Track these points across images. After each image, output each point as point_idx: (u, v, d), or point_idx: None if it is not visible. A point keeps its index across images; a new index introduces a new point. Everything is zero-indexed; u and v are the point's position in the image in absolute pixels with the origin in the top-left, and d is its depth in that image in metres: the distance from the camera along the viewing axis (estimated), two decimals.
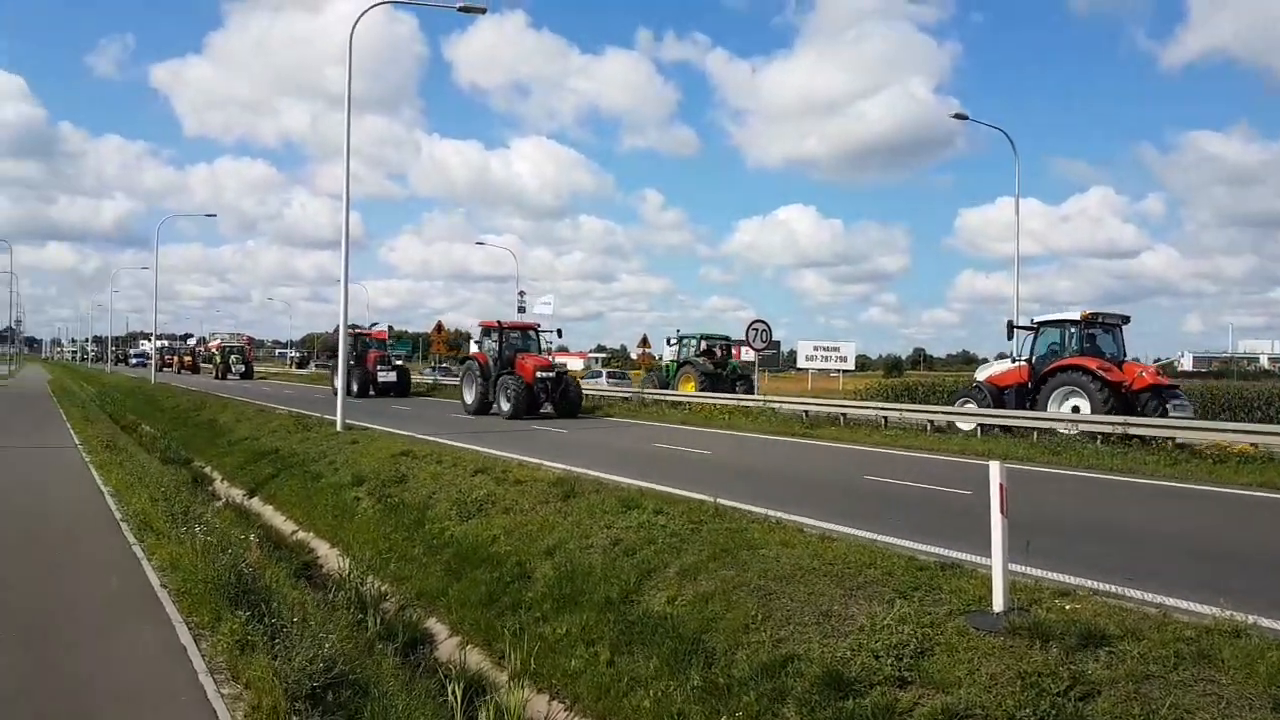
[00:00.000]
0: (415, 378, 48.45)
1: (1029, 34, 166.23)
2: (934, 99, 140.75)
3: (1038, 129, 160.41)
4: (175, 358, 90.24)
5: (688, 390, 30.32)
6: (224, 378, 61.56)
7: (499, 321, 28.88)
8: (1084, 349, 20.21)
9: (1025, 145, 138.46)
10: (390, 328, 38.65)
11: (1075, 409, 19.37)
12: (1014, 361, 21.59)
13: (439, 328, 59.23)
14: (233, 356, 65.50)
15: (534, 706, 7.43)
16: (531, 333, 29.54)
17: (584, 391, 29.59)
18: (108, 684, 6.01)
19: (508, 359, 27.41)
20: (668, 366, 33.24)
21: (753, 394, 28.51)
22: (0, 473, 15.58)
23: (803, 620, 6.87)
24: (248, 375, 63.20)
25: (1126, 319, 20.89)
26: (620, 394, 34.04)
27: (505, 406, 25.57)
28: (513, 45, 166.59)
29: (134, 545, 9.94)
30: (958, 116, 30.60)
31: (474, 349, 30.94)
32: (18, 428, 24.52)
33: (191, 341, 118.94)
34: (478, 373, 27.29)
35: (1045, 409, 19.72)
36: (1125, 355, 20.57)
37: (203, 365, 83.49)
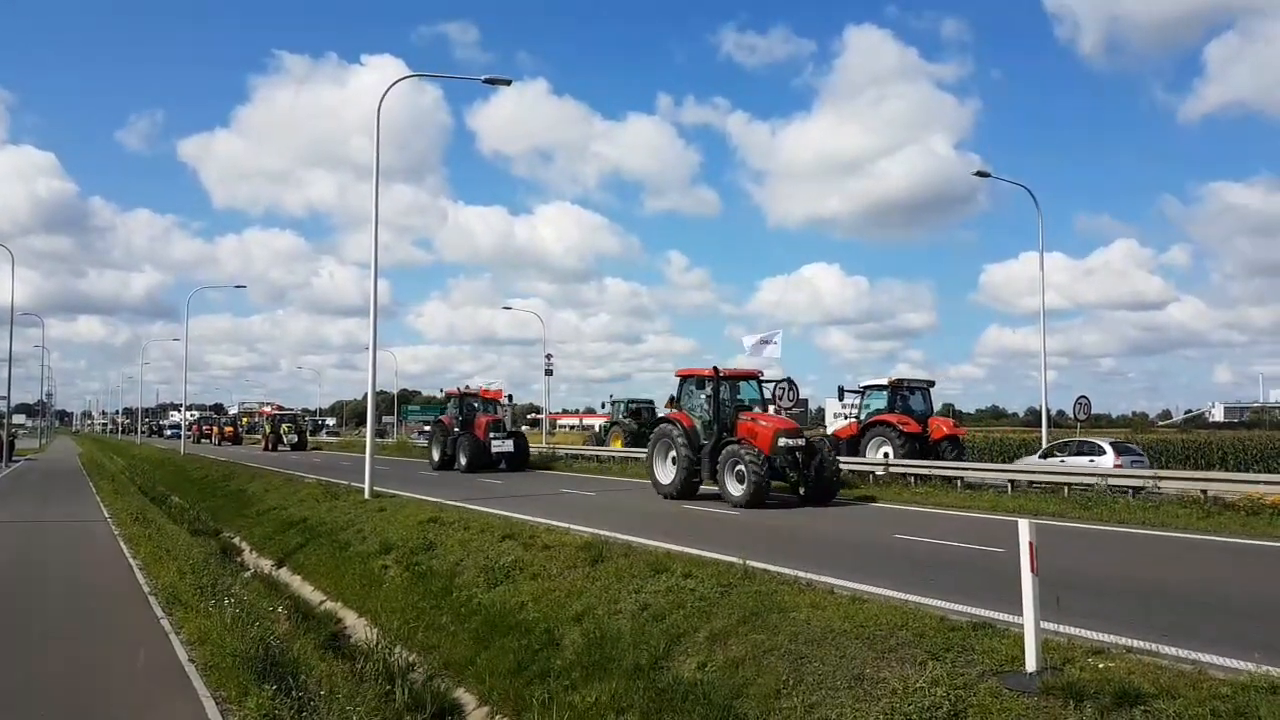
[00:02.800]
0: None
1: (1048, 90, 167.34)
2: (955, 156, 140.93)
3: (1059, 184, 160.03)
4: (214, 428, 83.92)
5: (616, 446, 36.09)
6: (274, 449, 54.79)
7: (716, 369, 20.84)
8: (894, 408, 25.74)
9: (1047, 200, 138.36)
10: (505, 394, 35.07)
11: (886, 454, 24.25)
12: (847, 420, 28.42)
13: None
14: (284, 425, 59.01)
15: None
16: (753, 382, 21.98)
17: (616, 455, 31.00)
18: None
19: (727, 420, 20.17)
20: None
21: None
22: (32, 547, 15.76)
23: (835, 684, 6.77)
24: (300, 446, 56.32)
25: (932, 383, 26.88)
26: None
27: (737, 491, 18.33)
28: (535, 113, 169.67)
29: (162, 619, 10.00)
30: (979, 174, 30.95)
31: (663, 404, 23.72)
32: (50, 501, 24.82)
33: (232, 411, 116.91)
34: (680, 438, 20.07)
35: (865, 455, 24.93)
36: (932, 412, 26.34)
37: (245, 436, 78.81)
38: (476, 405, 32.67)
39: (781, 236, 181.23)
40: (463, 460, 30.36)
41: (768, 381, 22.95)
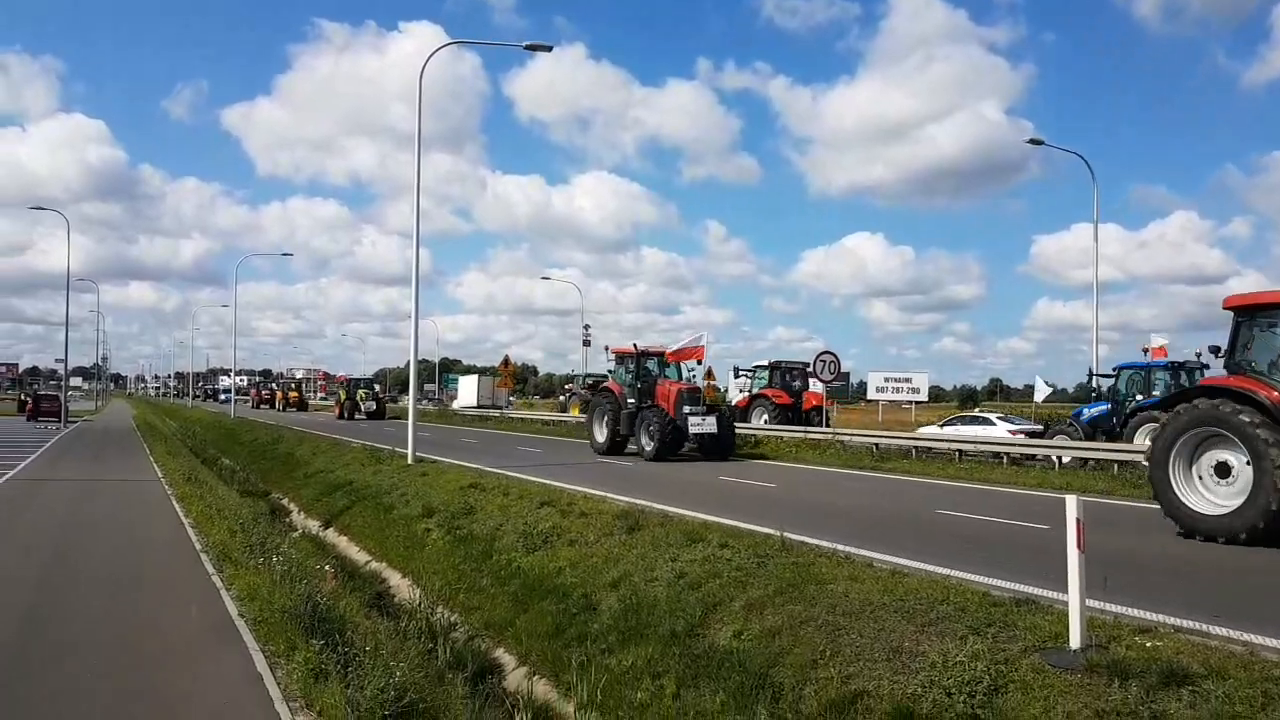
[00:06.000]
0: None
1: (1104, 55, 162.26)
2: (1006, 122, 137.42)
3: (1115, 152, 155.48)
4: (279, 392, 79.08)
5: (575, 413, 41.10)
6: (350, 417, 50.58)
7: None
8: (773, 384, 32.65)
9: (1102, 169, 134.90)
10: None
11: (765, 420, 30.86)
12: (742, 392, 34.99)
13: (506, 362, 59.92)
14: (361, 391, 54.62)
15: None
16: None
17: None
18: (190, 711, 6.20)
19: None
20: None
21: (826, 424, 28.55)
22: (89, 506, 16.21)
23: (872, 656, 6.75)
24: (379, 414, 51.48)
25: (806, 364, 31.30)
26: None
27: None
28: (572, 79, 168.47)
29: (213, 575, 10.25)
30: (1033, 142, 30.37)
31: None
32: (105, 462, 25.50)
33: (298, 375, 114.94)
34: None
35: (751, 422, 30.51)
36: (806, 388, 32.15)
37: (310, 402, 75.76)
38: (659, 369, 24.89)
39: (823, 205, 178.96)
40: (647, 444, 22.53)
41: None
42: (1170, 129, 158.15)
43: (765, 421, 30.74)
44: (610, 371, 25.47)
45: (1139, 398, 21.87)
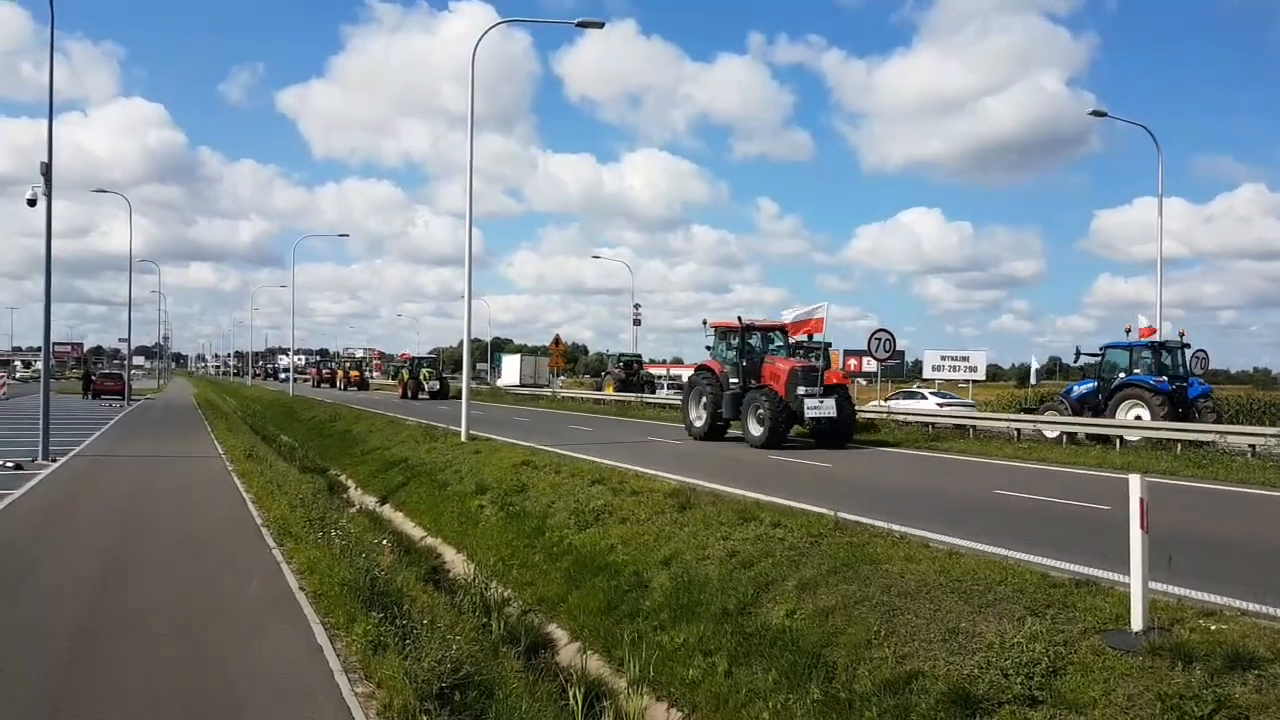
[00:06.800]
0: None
1: (1169, 24, 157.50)
2: (1067, 94, 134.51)
3: (1181, 123, 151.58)
4: (339, 371, 77.80)
5: (609, 392, 44.99)
6: (413, 396, 48.63)
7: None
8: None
9: (1167, 141, 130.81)
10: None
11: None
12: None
13: (557, 341, 60.27)
14: (425, 371, 52.19)
15: (653, 714, 7.48)
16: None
17: None
18: (253, 681, 6.35)
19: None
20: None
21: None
22: (153, 481, 16.68)
23: (928, 637, 6.69)
24: (442, 394, 48.84)
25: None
26: None
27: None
28: (622, 55, 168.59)
29: (274, 549, 10.48)
30: (1095, 113, 29.22)
31: None
32: (168, 439, 26.21)
33: (359, 354, 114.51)
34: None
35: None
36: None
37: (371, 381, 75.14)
38: (761, 345, 22.41)
39: (878, 181, 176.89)
40: (754, 429, 20.07)
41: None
42: (1239, 97, 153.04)
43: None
44: (709, 348, 23.20)
45: (1122, 375, 22.74)
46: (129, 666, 6.50)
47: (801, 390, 19.90)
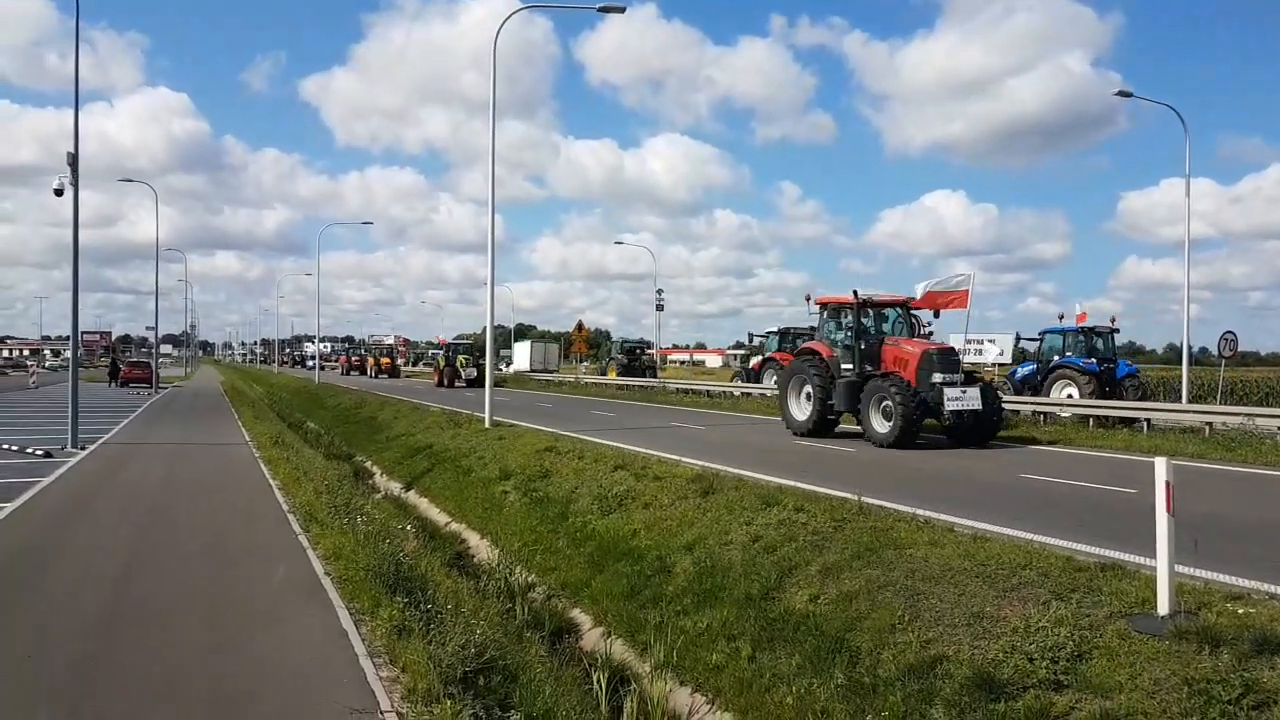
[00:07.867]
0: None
1: (1196, 1, 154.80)
2: (1092, 74, 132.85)
3: (1208, 104, 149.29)
4: (371, 359, 75.33)
5: (611, 377, 45.36)
6: (450, 385, 46.82)
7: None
8: (783, 348, 32.78)
9: (1195, 121, 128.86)
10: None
11: (775, 383, 28.73)
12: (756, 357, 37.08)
13: (580, 327, 60.32)
14: (461, 358, 49.71)
15: (676, 698, 7.50)
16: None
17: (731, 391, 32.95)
18: (278, 665, 6.43)
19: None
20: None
21: None
22: (181, 468, 16.88)
23: (952, 621, 6.66)
24: (480, 381, 36.50)
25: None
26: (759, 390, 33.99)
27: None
28: (644, 39, 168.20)
29: (300, 535, 10.58)
30: (1121, 94, 28.79)
31: None
32: (196, 425, 26.49)
33: (389, 340, 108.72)
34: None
35: (763, 383, 33.03)
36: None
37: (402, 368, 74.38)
38: (876, 325, 19.00)
39: (901, 164, 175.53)
40: (880, 425, 16.70)
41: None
42: (1267, 77, 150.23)
43: (775, 384, 28.64)
44: (814, 329, 20.26)
45: (1056, 358, 25.14)
46: (157, 648, 6.59)
47: (939, 378, 16.63)
